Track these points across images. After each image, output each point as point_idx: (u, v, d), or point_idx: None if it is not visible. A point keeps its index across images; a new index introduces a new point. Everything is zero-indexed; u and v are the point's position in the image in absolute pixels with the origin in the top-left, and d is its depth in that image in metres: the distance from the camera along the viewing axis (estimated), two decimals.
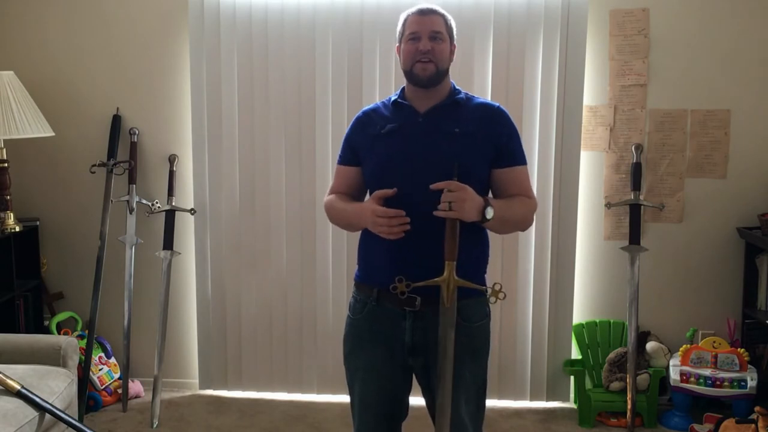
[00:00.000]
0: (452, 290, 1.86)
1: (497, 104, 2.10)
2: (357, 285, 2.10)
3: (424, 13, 2.01)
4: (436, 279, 1.86)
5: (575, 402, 3.49)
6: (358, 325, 2.07)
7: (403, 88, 2.09)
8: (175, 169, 3.61)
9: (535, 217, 2.16)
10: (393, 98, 2.09)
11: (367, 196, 2.08)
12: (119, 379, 3.63)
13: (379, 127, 2.03)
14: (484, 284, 2.03)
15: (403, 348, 2.02)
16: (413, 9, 2.03)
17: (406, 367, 2.06)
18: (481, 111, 2.05)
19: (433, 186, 1.84)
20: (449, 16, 2.05)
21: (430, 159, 1.95)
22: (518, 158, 2.05)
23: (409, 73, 2.02)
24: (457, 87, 2.09)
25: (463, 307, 1.96)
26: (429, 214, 1.92)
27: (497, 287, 1.84)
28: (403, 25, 2.05)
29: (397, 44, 2.07)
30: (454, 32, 2.06)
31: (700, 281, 3.52)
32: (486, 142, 1.99)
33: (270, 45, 3.46)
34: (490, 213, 1.88)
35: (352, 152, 2.10)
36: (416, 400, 2.14)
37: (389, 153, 2.00)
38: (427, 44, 1.97)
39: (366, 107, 2.16)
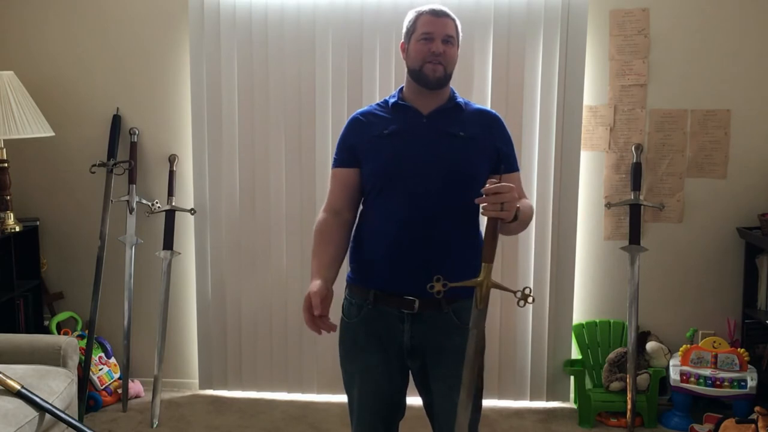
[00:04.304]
0: (486, 291, 1.80)
1: (494, 111, 2.11)
2: (350, 287, 2.08)
3: (439, 15, 1.98)
4: (474, 279, 1.79)
5: (575, 402, 3.49)
6: (354, 328, 2.06)
7: (401, 90, 2.07)
8: (175, 169, 3.61)
9: (533, 217, 2.15)
10: (391, 100, 2.06)
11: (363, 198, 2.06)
12: (119, 379, 3.63)
13: (381, 128, 2.00)
14: None
15: (401, 350, 2.01)
16: (426, 8, 2.00)
17: (403, 367, 2.06)
18: (481, 117, 2.05)
19: (486, 189, 1.75)
20: (458, 21, 2.03)
21: (435, 160, 1.95)
22: (514, 165, 2.07)
23: (417, 73, 1.99)
24: (455, 92, 2.08)
25: (459, 309, 1.95)
26: (430, 215, 1.93)
27: (527, 290, 1.81)
28: (414, 23, 2.01)
29: (403, 42, 2.04)
30: (461, 37, 2.05)
31: (700, 281, 3.52)
32: (487, 147, 2.00)
33: (270, 45, 3.46)
34: (518, 214, 1.83)
35: (349, 153, 2.05)
36: (415, 400, 2.14)
37: (394, 154, 1.98)
38: (440, 46, 1.95)
39: (360, 110, 2.12)
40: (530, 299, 1.79)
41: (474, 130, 2.00)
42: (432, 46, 1.96)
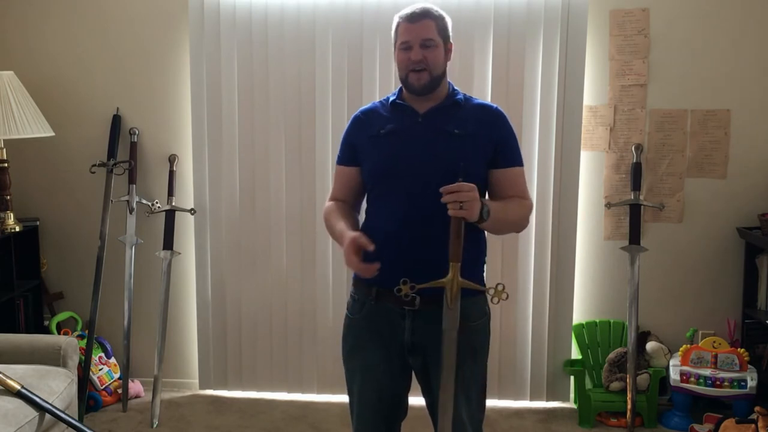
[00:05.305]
0: (456, 291, 1.85)
1: (496, 106, 2.10)
2: (355, 284, 2.10)
3: (414, 20, 1.96)
4: (441, 280, 1.85)
5: (575, 402, 3.49)
6: (357, 324, 2.07)
7: (401, 88, 2.08)
8: (175, 169, 3.61)
9: (533, 217, 2.15)
10: (391, 99, 2.07)
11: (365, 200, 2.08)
12: (119, 379, 3.63)
13: (378, 128, 2.02)
14: (483, 283, 2.03)
15: (402, 347, 2.02)
16: (403, 14, 1.99)
17: (406, 366, 2.06)
18: (480, 112, 2.05)
19: (443, 189, 1.80)
20: (441, 15, 2.00)
21: (430, 160, 1.96)
22: (516, 159, 2.06)
23: (404, 82, 2.01)
24: (455, 88, 2.08)
25: (463, 306, 1.95)
26: (429, 214, 1.93)
27: (500, 287, 1.83)
28: (396, 31, 2.01)
29: (394, 49, 2.05)
30: (449, 31, 2.03)
31: (700, 281, 3.52)
32: (485, 143, 2.00)
33: (270, 45, 3.46)
34: (486, 213, 1.87)
35: (351, 152, 2.09)
36: (417, 400, 2.14)
37: (389, 153, 2.00)
38: (418, 54, 1.95)
39: (363, 107, 2.14)
40: (504, 296, 1.81)
41: (472, 127, 1.99)
42: (411, 54, 1.96)
